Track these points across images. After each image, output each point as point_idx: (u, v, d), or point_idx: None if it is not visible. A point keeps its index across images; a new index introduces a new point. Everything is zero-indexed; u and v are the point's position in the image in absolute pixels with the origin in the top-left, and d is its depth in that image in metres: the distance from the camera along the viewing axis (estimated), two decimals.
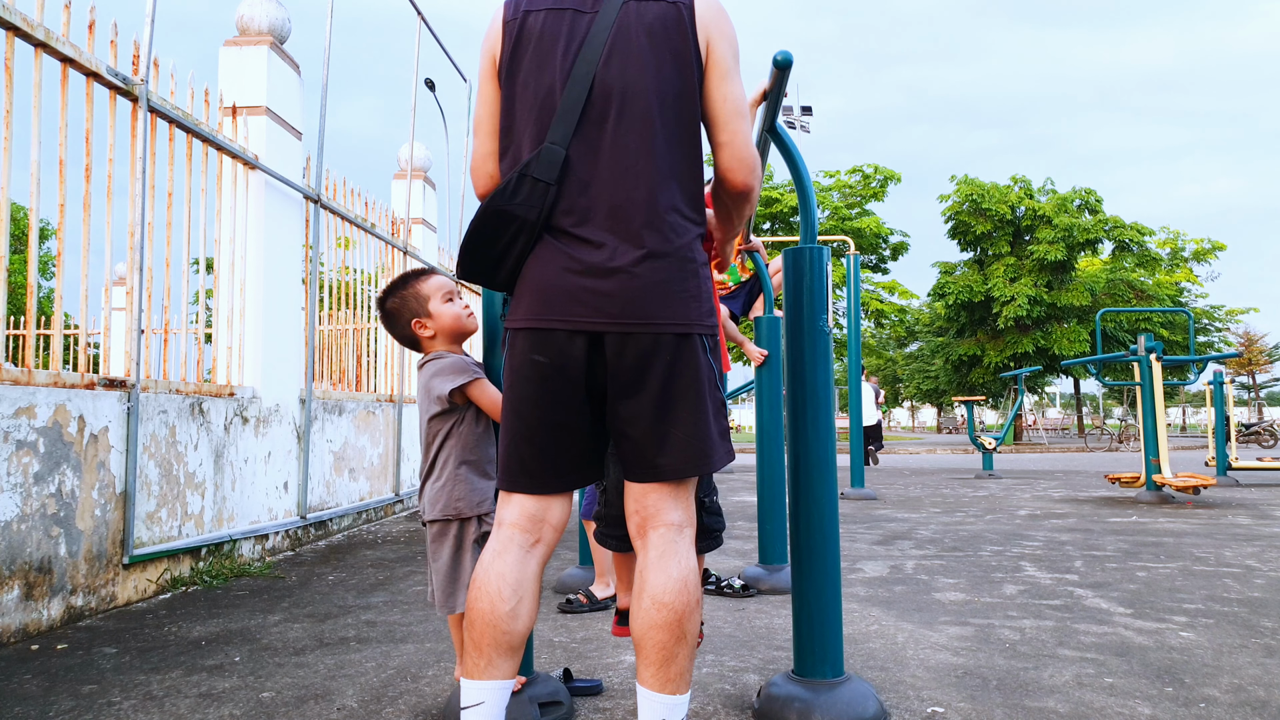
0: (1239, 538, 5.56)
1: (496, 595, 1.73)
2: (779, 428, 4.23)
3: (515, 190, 1.72)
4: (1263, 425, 24.15)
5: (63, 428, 3.41)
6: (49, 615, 3.32)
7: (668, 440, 1.72)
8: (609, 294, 1.68)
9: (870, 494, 8.53)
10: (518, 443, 1.77)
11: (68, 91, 3.62)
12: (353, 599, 3.85)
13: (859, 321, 9.88)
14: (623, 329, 1.68)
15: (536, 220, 1.72)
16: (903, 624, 3.32)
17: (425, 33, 7.20)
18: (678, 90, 1.75)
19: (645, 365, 1.69)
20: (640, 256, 1.69)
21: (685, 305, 1.73)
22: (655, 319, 1.69)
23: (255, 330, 5.10)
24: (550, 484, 1.78)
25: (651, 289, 1.69)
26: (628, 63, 1.73)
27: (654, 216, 1.71)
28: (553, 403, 1.73)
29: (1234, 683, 2.56)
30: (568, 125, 1.72)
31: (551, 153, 1.71)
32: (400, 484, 7.23)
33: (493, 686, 1.73)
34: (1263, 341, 42.86)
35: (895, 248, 27.19)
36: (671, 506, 1.76)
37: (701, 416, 1.74)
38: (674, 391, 1.71)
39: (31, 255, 4.03)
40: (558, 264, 1.71)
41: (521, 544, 1.77)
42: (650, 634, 1.69)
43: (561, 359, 1.71)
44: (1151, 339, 8.31)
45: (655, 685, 1.70)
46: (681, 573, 1.72)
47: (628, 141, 1.72)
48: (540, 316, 1.71)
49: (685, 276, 1.74)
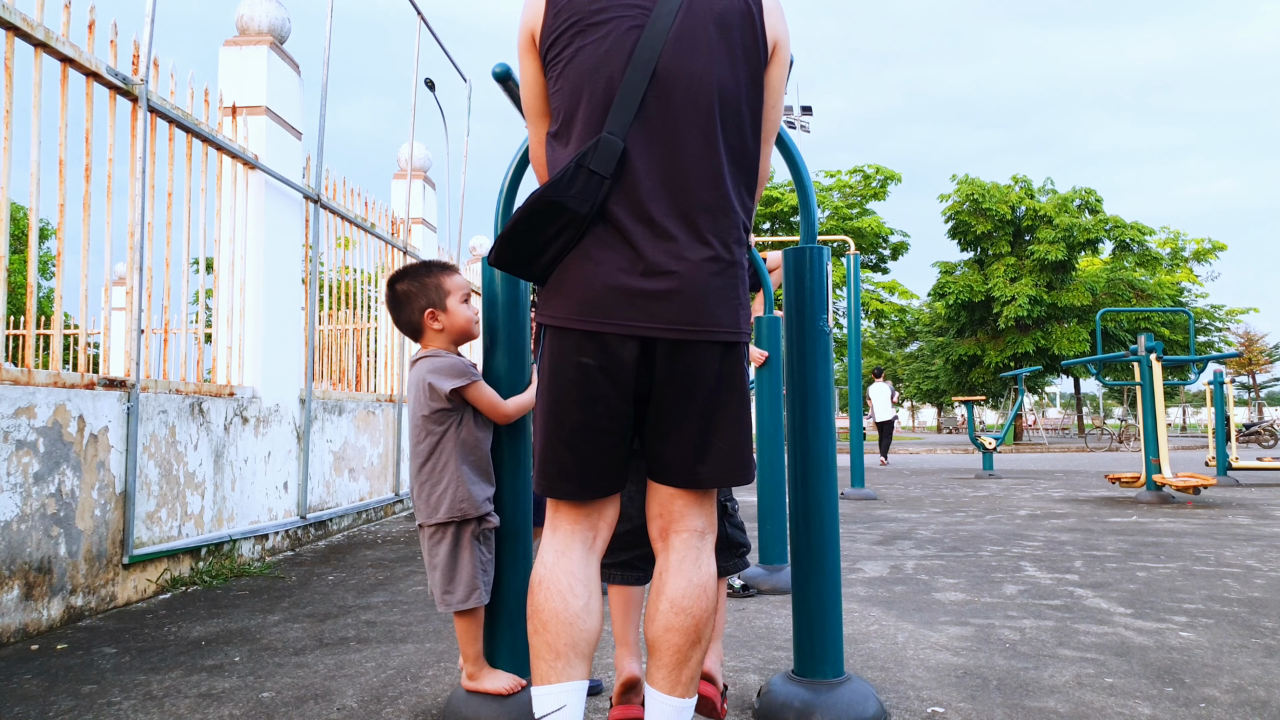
0: (1239, 538, 5.56)
1: (569, 591, 1.66)
2: (779, 428, 4.23)
3: (570, 182, 1.61)
4: (1263, 425, 24.15)
5: (62, 428, 3.41)
6: (49, 615, 3.32)
7: (710, 449, 1.68)
8: (665, 297, 1.61)
9: (870, 494, 8.53)
10: (556, 447, 1.69)
11: (67, 91, 3.62)
12: (353, 599, 3.85)
13: (859, 321, 9.88)
14: (678, 335, 1.62)
15: (588, 214, 1.62)
16: (903, 624, 3.32)
17: (425, 33, 7.20)
18: (745, 85, 1.68)
19: (697, 372, 1.64)
20: (699, 258, 1.62)
21: (736, 311, 1.68)
22: (710, 325, 1.64)
23: (255, 330, 5.10)
24: (589, 489, 1.71)
25: (709, 293, 1.63)
26: (694, 51, 1.63)
27: (713, 215, 1.65)
28: (597, 407, 1.66)
29: (1234, 683, 2.56)
30: (626, 114, 1.62)
31: (609, 143, 1.61)
32: (400, 484, 7.23)
33: (573, 688, 1.65)
34: (1263, 341, 42.86)
35: (895, 248, 27.19)
36: (696, 513, 1.73)
37: (744, 426, 1.72)
38: (720, 400, 1.68)
39: (31, 255, 4.04)
40: (611, 262, 1.62)
41: (584, 542, 1.72)
42: (666, 637, 1.66)
43: (612, 363, 1.63)
44: (1151, 339, 8.31)
45: (666, 688, 1.67)
46: (701, 578, 1.69)
47: (690, 135, 1.63)
48: (588, 318, 1.62)
49: (737, 281, 1.69)
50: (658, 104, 1.63)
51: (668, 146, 1.63)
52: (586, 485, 1.71)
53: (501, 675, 2.28)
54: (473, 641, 2.28)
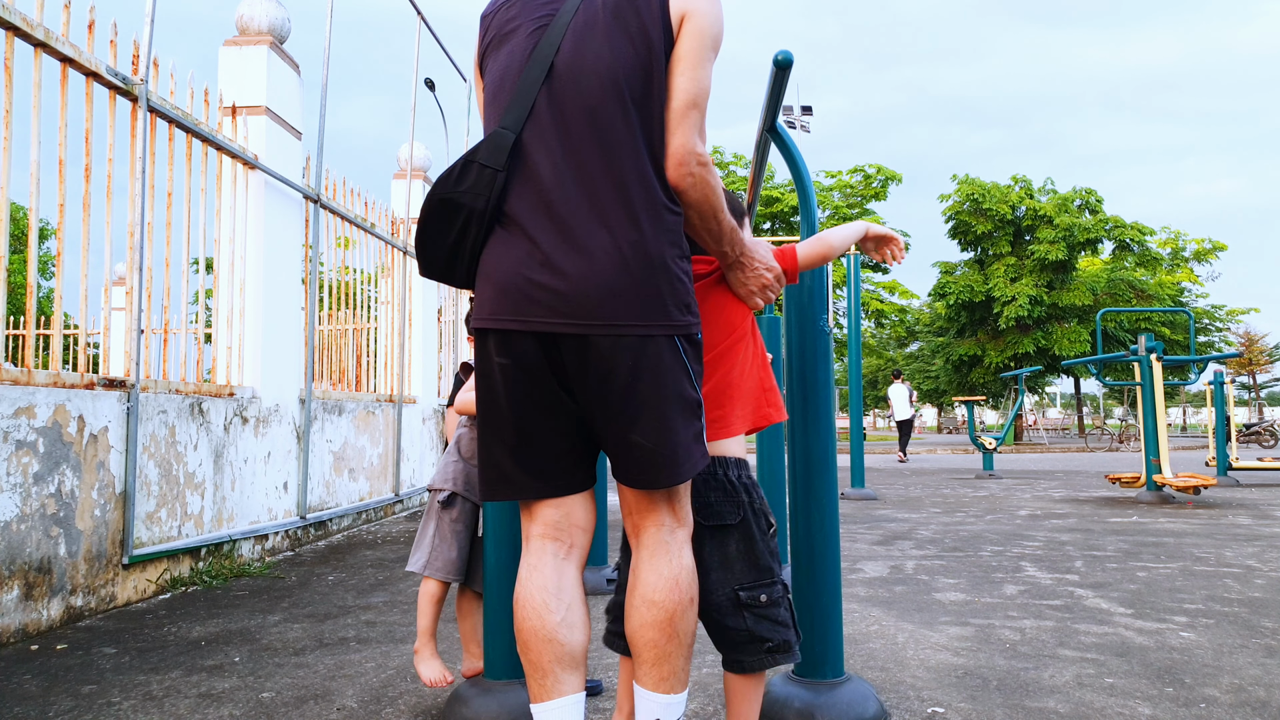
0: (1239, 538, 5.56)
1: (543, 607, 1.63)
2: (779, 428, 4.23)
3: (460, 177, 1.60)
4: (1263, 425, 24.14)
5: (62, 428, 3.41)
6: (49, 615, 3.32)
7: (632, 449, 1.61)
8: (564, 292, 1.55)
9: (870, 494, 8.53)
10: (491, 448, 1.67)
11: (67, 91, 3.62)
12: (352, 599, 3.84)
13: (859, 321, 9.88)
14: (579, 331, 1.55)
15: (485, 209, 1.60)
16: (903, 624, 3.32)
17: (425, 33, 7.20)
18: (640, 70, 1.61)
19: (606, 370, 1.57)
20: (603, 248, 1.56)
21: (656, 301, 1.58)
22: (612, 319, 1.56)
23: (255, 330, 5.10)
24: (528, 490, 1.67)
25: (613, 285, 1.55)
26: (590, 40, 1.62)
27: (611, 204, 1.58)
28: (522, 406, 1.62)
29: (1234, 683, 2.56)
30: (522, 108, 1.61)
31: (500, 136, 1.60)
32: (400, 484, 7.23)
33: (566, 704, 1.62)
34: (1263, 341, 42.84)
35: None
36: (664, 508, 1.67)
37: (671, 425, 1.61)
38: (639, 397, 1.58)
39: (31, 255, 4.04)
40: (511, 256, 1.59)
41: (554, 552, 1.68)
42: (641, 633, 1.64)
43: (524, 360, 1.60)
44: (1152, 339, 8.31)
45: (649, 684, 1.65)
46: (673, 571, 1.65)
47: (591, 122, 1.59)
48: (497, 315, 1.60)
49: (654, 268, 1.58)
50: (555, 97, 1.61)
51: (567, 136, 1.60)
52: (525, 486, 1.67)
53: (434, 666, 2.39)
54: (422, 614, 2.43)
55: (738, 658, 1.76)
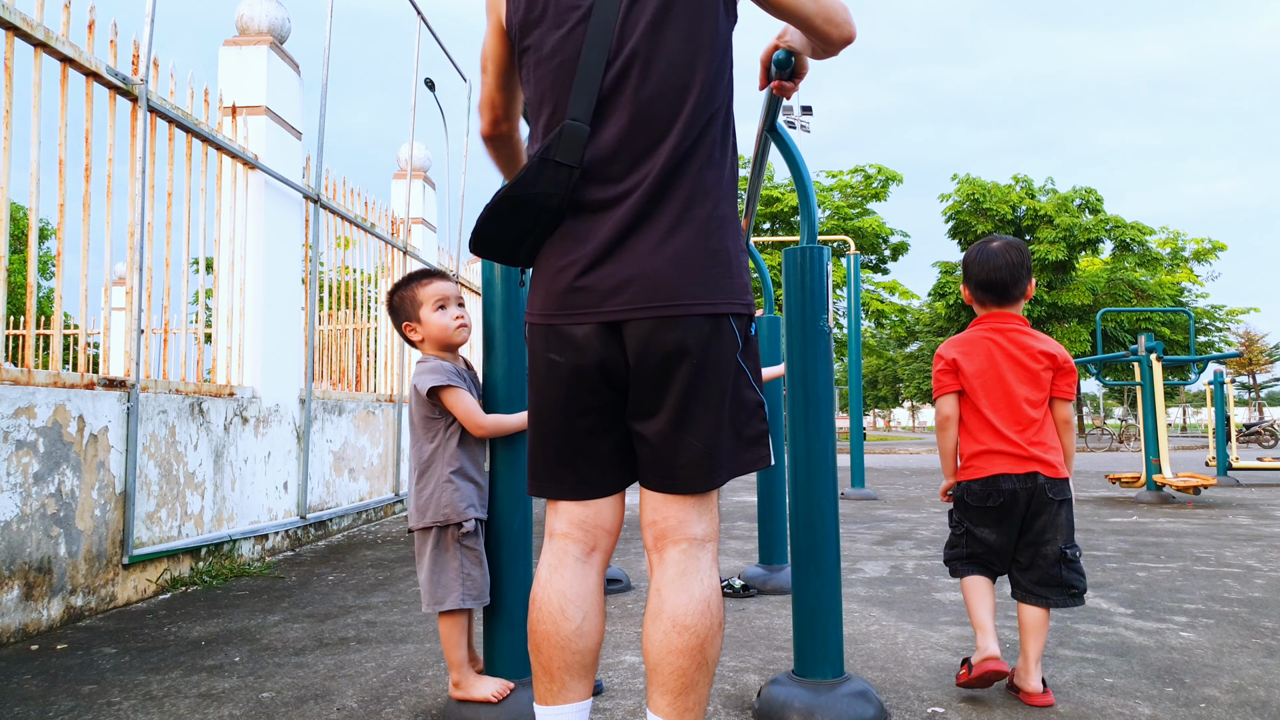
0: (1239, 538, 5.56)
1: (560, 614, 1.57)
2: (779, 428, 4.23)
3: (536, 177, 1.54)
4: (1263, 425, 24.16)
5: (62, 428, 3.41)
6: (49, 615, 3.32)
7: (679, 448, 1.53)
8: (626, 277, 1.51)
9: (870, 494, 8.53)
10: (541, 447, 1.63)
11: (67, 91, 3.62)
12: (353, 599, 3.84)
13: (859, 321, 9.89)
14: (643, 315, 1.50)
15: (559, 206, 1.55)
16: (903, 624, 3.32)
17: (425, 32, 7.20)
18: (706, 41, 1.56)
19: (668, 353, 1.51)
20: (665, 230, 1.52)
21: (715, 280, 1.53)
22: (679, 300, 1.50)
23: (255, 330, 5.10)
24: (577, 491, 1.62)
25: (671, 275, 1.51)
26: (645, 18, 1.54)
27: (681, 186, 1.53)
28: (574, 405, 1.58)
29: (1234, 683, 2.56)
30: (589, 95, 1.54)
31: (574, 130, 1.53)
32: (400, 484, 7.23)
33: (570, 710, 1.58)
34: (1263, 341, 42.86)
35: (896, 248, 27.19)
36: (695, 519, 1.57)
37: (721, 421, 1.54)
38: (693, 386, 1.51)
39: (31, 255, 4.04)
40: (570, 251, 1.55)
41: (577, 555, 1.62)
42: (669, 659, 1.50)
43: (580, 357, 1.54)
44: (1152, 339, 8.31)
45: (670, 714, 1.51)
46: (704, 592, 1.53)
47: (653, 107, 1.54)
48: (551, 310, 1.56)
49: (714, 258, 1.54)
50: (617, 79, 1.55)
51: (632, 122, 1.54)
52: (574, 487, 1.63)
53: (489, 681, 2.27)
54: (455, 647, 2.27)
55: (1046, 594, 2.42)
